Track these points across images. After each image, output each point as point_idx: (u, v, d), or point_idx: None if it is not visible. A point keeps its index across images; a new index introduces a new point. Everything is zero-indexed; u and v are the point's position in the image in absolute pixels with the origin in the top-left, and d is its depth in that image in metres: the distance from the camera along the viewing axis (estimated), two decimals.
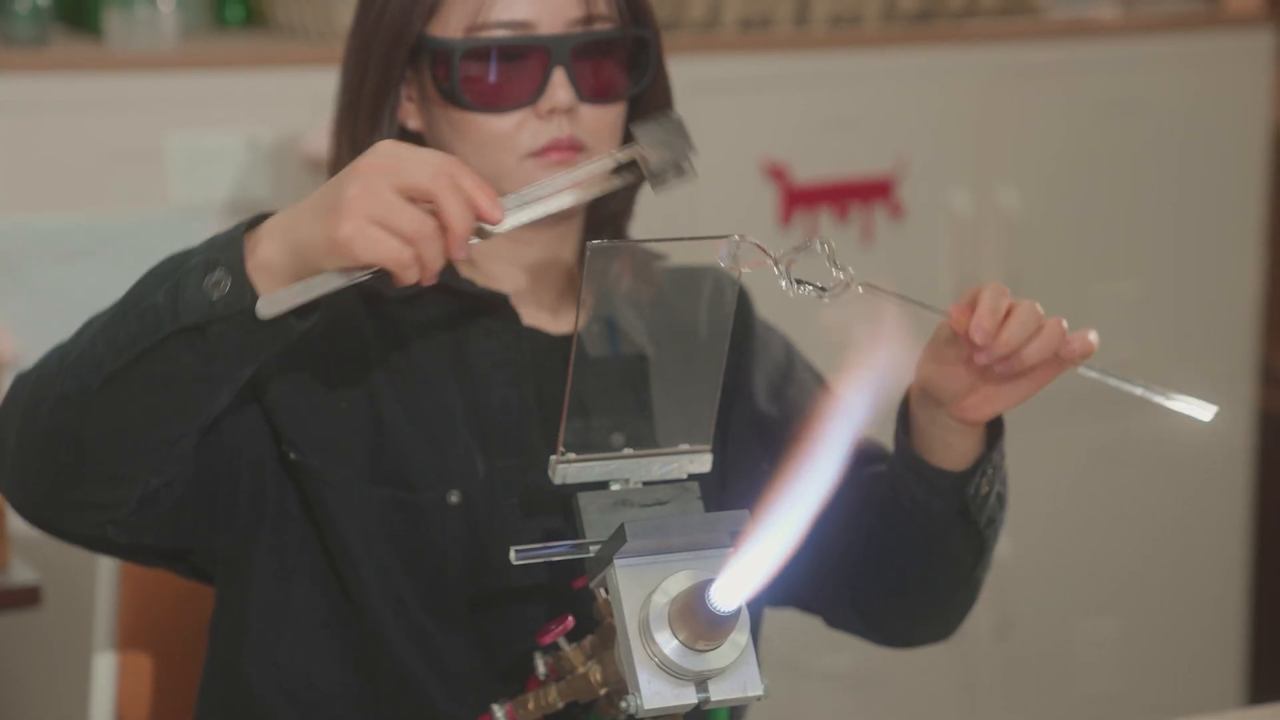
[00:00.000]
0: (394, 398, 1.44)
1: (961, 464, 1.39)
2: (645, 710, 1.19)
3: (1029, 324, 1.29)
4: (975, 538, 1.43)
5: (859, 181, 2.59)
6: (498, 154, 1.43)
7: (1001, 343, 1.28)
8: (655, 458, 1.32)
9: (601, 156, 1.29)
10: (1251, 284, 2.88)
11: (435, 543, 1.43)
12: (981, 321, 1.27)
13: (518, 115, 1.43)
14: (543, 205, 1.26)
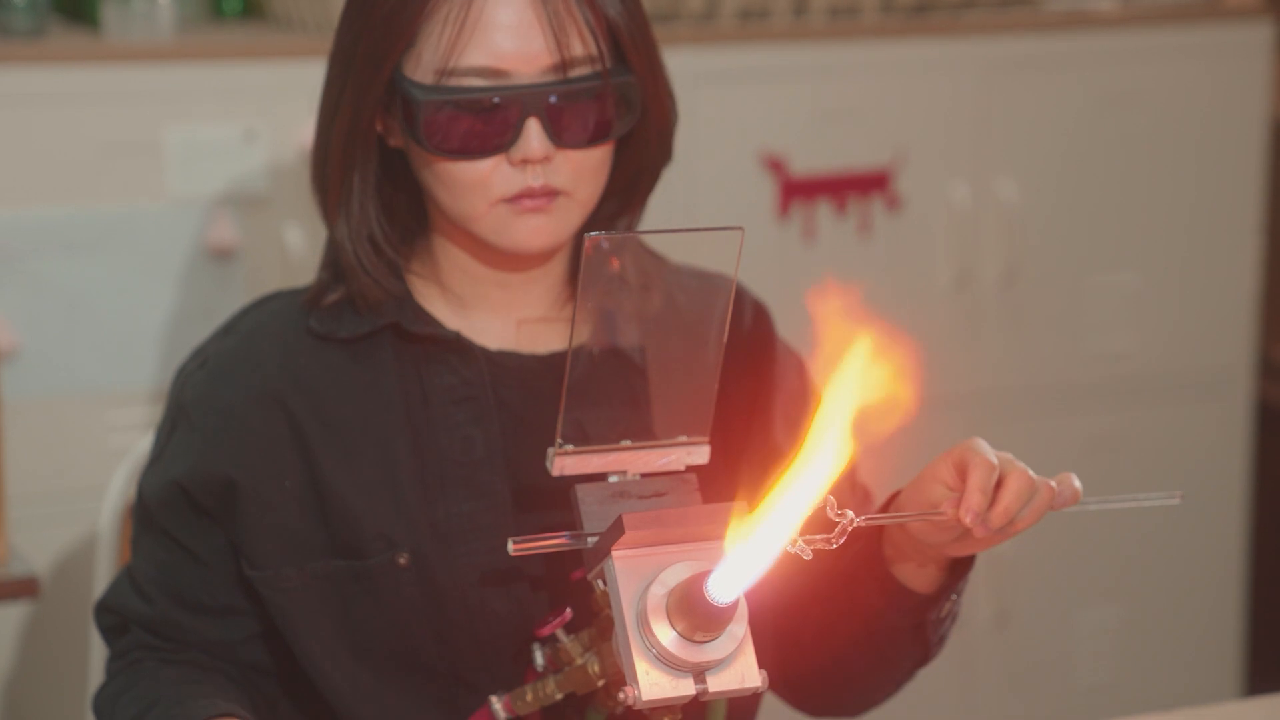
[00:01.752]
0: (335, 463, 1.42)
1: (929, 587, 1.38)
2: (643, 701, 1.19)
3: (1023, 495, 1.26)
4: (922, 652, 1.43)
5: (857, 173, 2.58)
6: (469, 198, 1.40)
7: (996, 519, 1.25)
8: (653, 449, 1.32)
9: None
10: (1250, 276, 2.88)
11: (392, 608, 1.42)
12: (972, 505, 1.24)
13: (490, 161, 1.39)
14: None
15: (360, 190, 1.44)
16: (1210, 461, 2.90)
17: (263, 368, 1.45)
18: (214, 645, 1.45)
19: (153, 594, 1.45)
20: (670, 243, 1.48)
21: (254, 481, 1.42)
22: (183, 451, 1.45)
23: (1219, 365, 2.88)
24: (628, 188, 1.49)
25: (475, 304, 1.49)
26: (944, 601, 1.38)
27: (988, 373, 2.70)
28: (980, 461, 1.26)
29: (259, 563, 1.42)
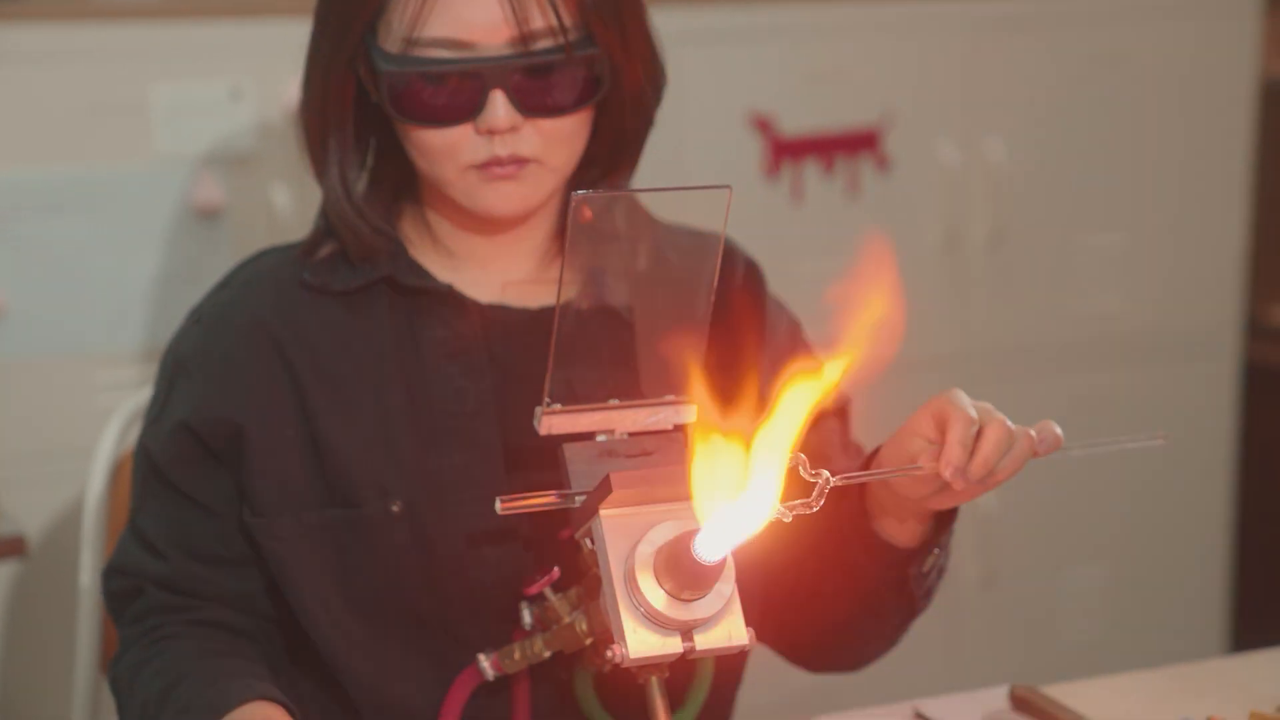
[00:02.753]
0: (332, 414, 1.43)
1: (911, 541, 1.39)
2: (631, 659, 1.19)
3: (1001, 446, 1.26)
4: (909, 606, 1.44)
5: (845, 133, 2.58)
6: (440, 164, 1.42)
7: (976, 470, 1.26)
8: (641, 408, 1.32)
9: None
10: (1237, 236, 2.88)
11: (385, 556, 1.42)
12: (952, 459, 1.25)
13: (457, 129, 1.40)
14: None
15: (338, 149, 1.45)
16: (1198, 421, 2.91)
17: (259, 316, 1.45)
18: (234, 598, 1.46)
19: (167, 551, 1.45)
20: (659, 201, 1.47)
21: (258, 428, 1.43)
22: (186, 399, 1.45)
23: (1207, 325, 2.88)
24: (610, 153, 1.50)
25: (465, 258, 1.50)
26: (926, 555, 1.38)
27: (976, 333, 2.71)
28: (959, 415, 1.26)
29: (259, 510, 1.43)
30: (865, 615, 1.45)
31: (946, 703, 1.47)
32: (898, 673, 2.39)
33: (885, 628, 1.47)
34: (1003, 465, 1.26)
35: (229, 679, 1.35)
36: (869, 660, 1.52)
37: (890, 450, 1.32)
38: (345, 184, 1.46)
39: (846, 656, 1.53)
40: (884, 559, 1.38)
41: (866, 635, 1.48)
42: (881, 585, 1.40)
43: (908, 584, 1.40)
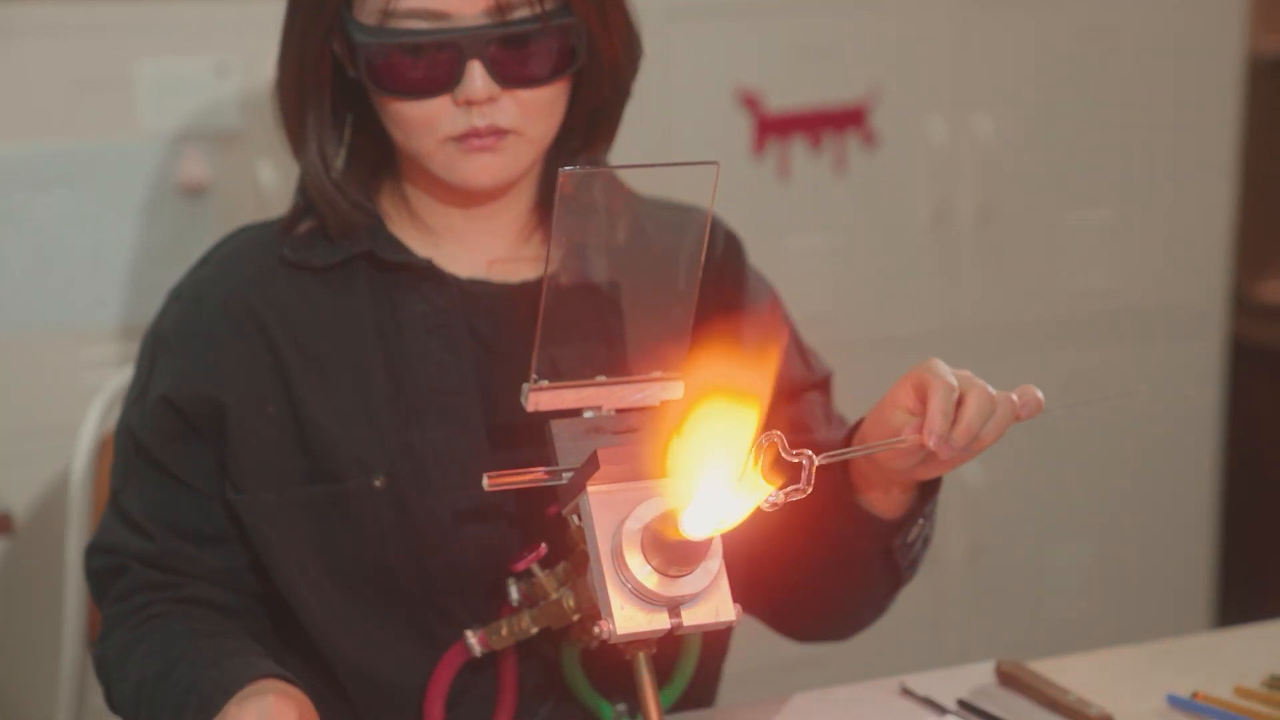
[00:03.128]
0: (312, 389, 1.43)
1: (896, 512, 1.39)
2: (618, 635, 1.20)
3: (983, 411, 1.26)
4: (894, 576, 1.44)
5: (833, 110, 2.57)
6: (418, 136, 1.41)
7: (959, 438, 1.26)
8: (628, 385, 1.32)
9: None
10: (1225, 213, 2.88)
11: (368, 531, 1.42)
12: (934, 427, 1.25)
13: (435, 101, 1.39)
14: None
15: (315, 125, 1.45)
16: (1184, 397, 2.91)
17: (239, 291, 1.45)
18: (219, 574, 1.45)
19: (151, 529, 1.45)
20: (646, 177, 1.47)
21: (240, 404, 1.43)
22: (167, 375, 1.45)
23: (1194, 302, 2.89)
24: (587, 125, 1.50)
25: (444, 233, 1.49)
26: (911, 526, 1.39)
27: (964, 309, 2.71)
28: (940, 384, 1.26)
29: (241, 486, 1.43)
30: (851, 586, 1.45)
31: (932, 678, 1.47)
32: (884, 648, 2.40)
33: (872, 598, 1.47)
34: (986, 430, 1.26)
35: (230, 658, 1.35)
36: (857, 630, 1.53)
37: (872, 423, 1.32)
38: (324, 160, 1.46)
39: (834, 627, 1.53)
40: (869, 530, 1.39)
41: (853, 605, 1.49)
42: (867, 556, 1.41)
43: (893, 554, 1.40)
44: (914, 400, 1.28)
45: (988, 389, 1.27)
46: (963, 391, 1.26)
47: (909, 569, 1.43)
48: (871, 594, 1.46)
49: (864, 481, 1.38)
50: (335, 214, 1.46)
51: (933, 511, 1.41)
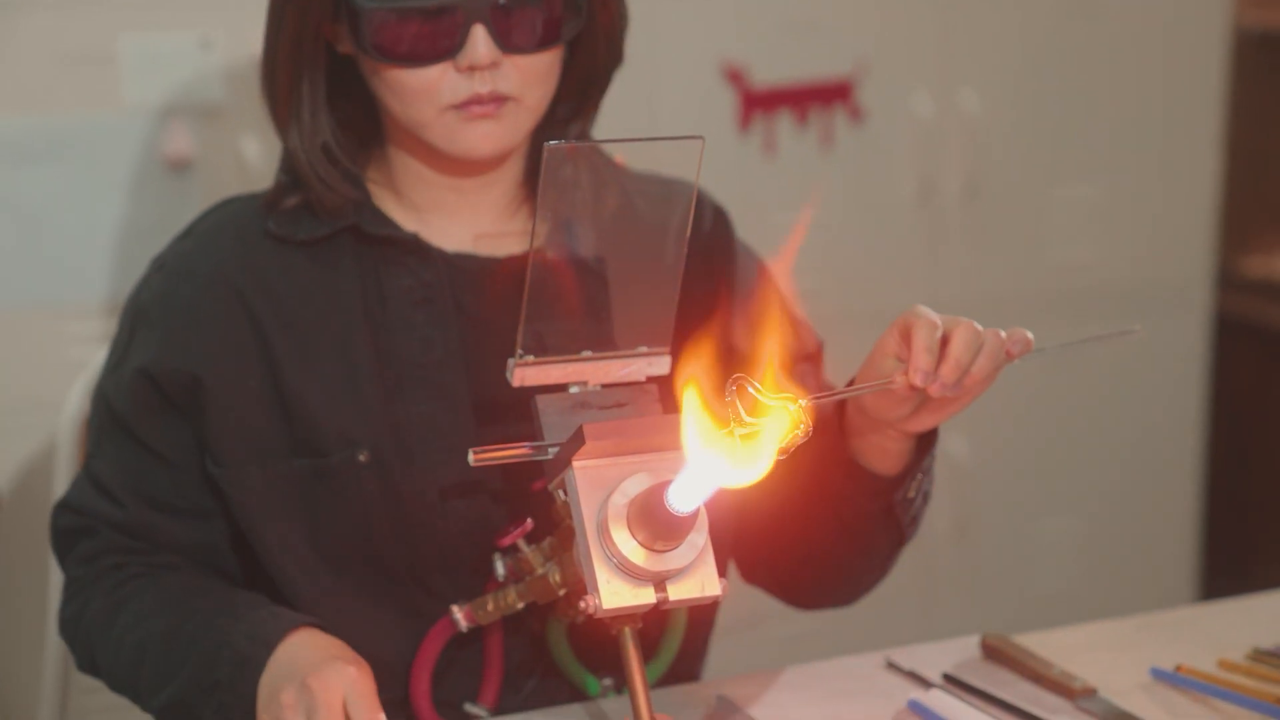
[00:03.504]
0: (296, 362, 1.43)
1: (894, 468, 1.39)
2: (604, 610, 1.20)
3: (971, 347, 1.26)
4: (896, 533, 1.44)
5: (818, 84, 2.57)
6: (417, 105, 1.41)
7: (948, 373, 1.26)
8: (613, 360, 1.32)
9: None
10: (1210, 189, 2.88)
11: (353, 506, 1.42)
12: (920, 364, 1.25)
13: (437, 68, 1.39)
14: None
15: (310, 97, 1.44)
16: (1169, 373, 2.92)
17: (222, 266, 1.45)
18: (189, 548, 1.45)
19: (123, 497, 1.44)
20: (631, 152, 1.47)
21: (219, 380, 1.42)
22: (146, 347, 1.44)
23: (1179, 277, 2.89)
24: (580, 91, 1.50)
25: (431, 209, 1.49)
26: (909, 481, 1.39)
27: (949, 285, 2.71)
28: (922, 323, 1.27)
29: (222, 460, 1.42)
30: (854, 547, 1.45)
31: (918, 652, 1.47)
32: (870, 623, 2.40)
33: (875, 558, 1.47)
34: (976, 366, 1.27)
35: (251, 609, 1.36)
36: (861, 593, 1.53)
37: (863, 376, 1.32)
38: (318, 133, 1.45)
39: (839, 591, 1.53)
40: (869, 488, 1.39)
41: (857, 568, 1.49)
42: (868, 515, 1.41)
43: (894, 511, 1.41)
44: (901, 345, 1.28)
45: (974, 325, 1.27)
46: (948, 329, 1.27)
47: (910, 525, 1.44)
48: (875, 554, 1.46)
49: (860, 438, 1.38)
50: (326, 188, 1.45)
51: (931, 466, 1.41)
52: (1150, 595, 2.92)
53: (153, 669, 1.37)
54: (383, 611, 1.44)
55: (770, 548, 1.50)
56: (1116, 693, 1.40)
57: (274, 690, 1.28)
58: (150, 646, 1.37)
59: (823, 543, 1.46)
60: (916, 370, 1.25)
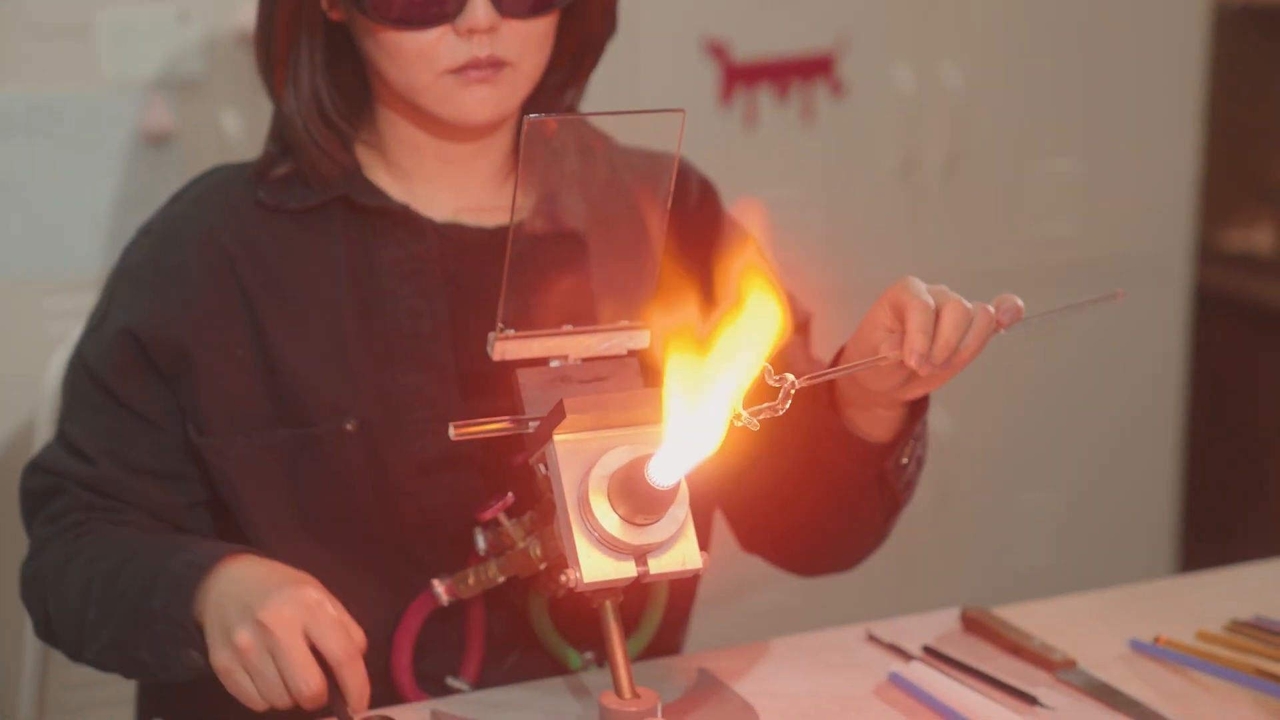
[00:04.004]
0: (284, 331, 1.42)
1: (886, 435, 1.39)
2: (585, 584, 1.20)
3: (960, 325, 1.27)
4: (891, 499, 1.44)
5: (800, 58, 2.57)
6: (414, 69, 1.40)
7: (939, 354, 1.26)
8: (594, 334, 1.32)
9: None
10: (1189, 162, 2.89)
11: (338, 476, 1.42)
12: (915, 346, 1.25)
13: (436, 31, 1.39)
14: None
15: (309, 62, 1.44)
16: (1149, 346, 2.92)
17: (212, 232, 1.44)
18: (159, 507, 1.44)
19: (95, 457, 1.43)
20: (612, 125, 1.47)
21: (207, 348, 1.41)
22: (131, 309, 1.43)
23: (1159, 251, 2.89)
24: (573, 60, 1.50)
25: (420, 178, 1.48)
26: (901, 448, 1.39)
27: (931, 258, 2.71)
28: (916, 303, 1.27)
29: (207, 429, 1.42)
30: (850, 515, 1.45)
31: (898, 625, 1.48)
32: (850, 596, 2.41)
33: (871, 525, 1.47)
34: (965, 344, 1.27)
35: (194, 543, 1.35)
36: (859, 559, 1.53)
37: (853, 347, 1.32)
38: (315, 94, 1.44)
39: (836, 557, 1.54)
40: (861, 456, 1.39)
41: (854, 534, 1.49)
42: (862, 483, 1.41)
43: (888, 478, 1.41)
44: (892, 319, 1.29)
45: (963, 302, 1.27)
46: (939, 307, 1.27)
47: (905, 490, 1.44)
48: (871, 520, 1.46)
49: (852, 407, 1.38)
50: (320, 154, 1.44)
51: (923, 431, 1.41)
52: (1129, 568, 2.93)
53: (95, 610, 1.36)
54: (365, 583, 1.44)
55: (766, 517, 1.50)
56: (1096, 664, 1.40)
57: (225, 631, 1.27)
58: (94, 588, 1.36)
59: (818, 510, 1.46)
60: (911, 351, 1.25)
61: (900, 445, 1.39)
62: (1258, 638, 1.45)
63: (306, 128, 1.44)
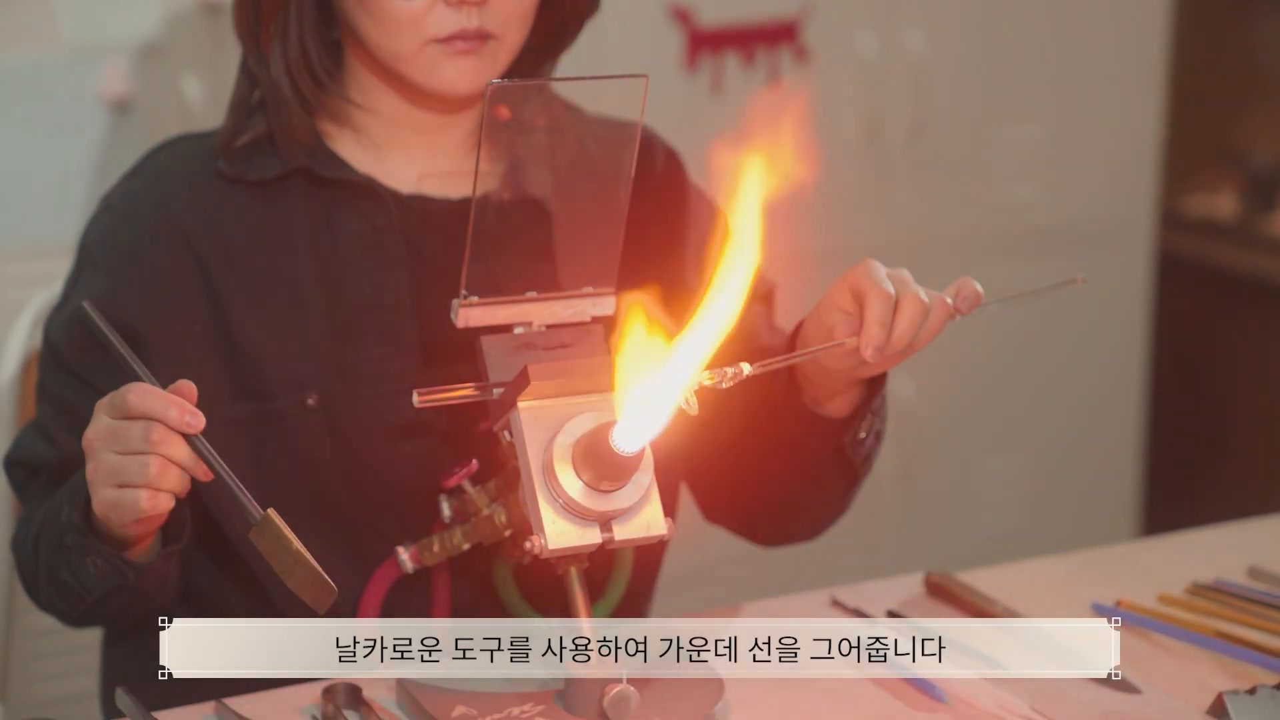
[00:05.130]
0: (244, 306, 1.41)
1: (843, 410, 1.40)
2: (549, 551, 1.20)
3: (916, 320, 1.28)
4: (850, 473, 1.45)
5: (764, 25, 2.56)
6: (400, 36, 1.39)
7: (895, 347, 1.27)
8: (559, 301, 1.32)
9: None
10: (1153, 127, 2.89)
11: (301, 450, 1.41)
12: (872, 339, 1.26)
13: (426, 0, 1.38)
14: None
15: (298, 20, 1.42)
16: (1112, 310, 2.94)
17: (169, 208, 1.43)
18: None
19: (60, 436, 1.43)
20: (575, 91, 1.46)
21: (162, 329, 1.41)
22: (89, 288, 1.43)
23: (1122, 216, 2.91)
24: (552, 36, 1.49)
25: (389, 148, 1.47)
26: (858, 423, 1.40)
27: (895, 224, 2.71)
28: (876, 292, 1.27)
29: None
30: (809, 487, 1.46)
31: (861, 590, 1.48)
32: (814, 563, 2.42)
33: (831, 496, 1.48)
34: (920, 336, 1.28)
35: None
36: (822, 528, 1.54)
37: (811, 325, 1.33)
38: (308, 57, 1.43)
39: (799, 528, 1.54)
40: (819, 430, 1.39)
41: (814, 506, 1.50)
42: (820, 456, 1.42)
43: (845, 452, 1.41)
44: (850, 302, 1.29)
45: (920, 296, 1.28)
46: (898, 299, 1.27)
47: (863, 464, 1.44)
48: (829, 493, 1.47)
49: (810, 384, 1.39)
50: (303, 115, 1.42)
51: (881, 406, 1.42)
52: (1092, 532, 2.95)
53: (44, 546, 1.36)
54: (330, 555, 1.43)
55: (728, 489, 1.51)
56: None
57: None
58: (41, 532, 1.37)
59: (779, 483, 1.46)
60: (868, 344, 1.27)
61: (857, 421, 1.39)
62: (1218, 600, 1.46)
63: (296, 86, 1.43)
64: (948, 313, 1.30)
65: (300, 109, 1.43)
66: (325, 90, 1.45)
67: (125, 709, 1.27)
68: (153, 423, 1.21)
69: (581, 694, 1.22)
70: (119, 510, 1.23)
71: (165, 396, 1.21)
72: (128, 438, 1.21)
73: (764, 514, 1.53)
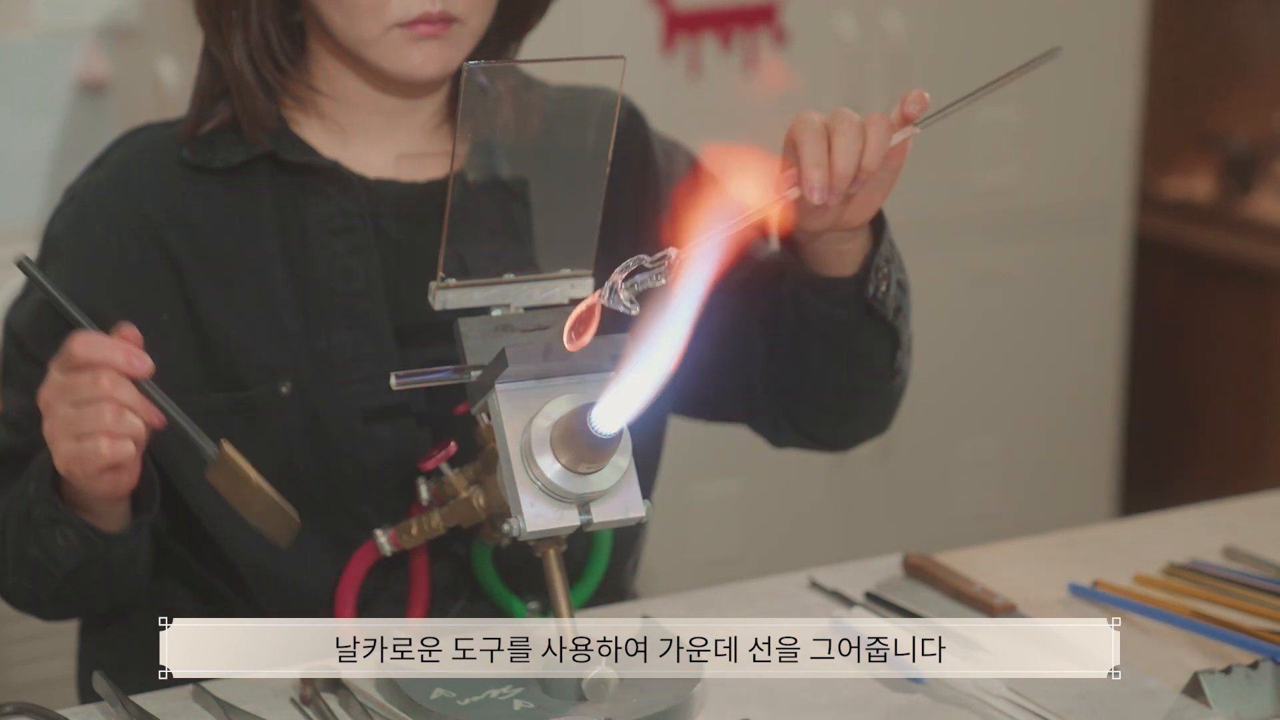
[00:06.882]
0: (213, 295, 1.41)
1: (855, 265, 1.39)
2: (528, 533, 1.20)
3: (853, 147, 1.26)
4: (886, 330, 1.43)
5: (742, 6, 2.56)
6: (363, 19, 1.38)
7: (839, 182, 1.26)
8: (536, 282, 1.32)
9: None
10: (1130, 109, 2.90)
11: (276, 439, 1.41)
12: (812, 181, 1.25)
13: None
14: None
15: (259, 6, 1.41)
16: (1089, 293, 2.95)
17: (136, 198, 1.42)
18: None
19: (23, 423, 1.42)
20: (551, 73, 1.46)
21: (130, 318, 1.39)
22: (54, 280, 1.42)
23: (1100, 198, 2.91)
24: (515, 20, 1.48)
25: (355, 132, 1.47)
26: (875, 273, 1.39)
27: None
28: (805, 135, 1.26)
29: None
30: (856, 361, 1.44)
31: (840, 571, 1.49)
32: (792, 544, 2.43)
33: (878, 367, 1.46)
34: (868, 159, 1.27)
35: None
36: (886, 413, 1.53)
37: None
38: (269, 43, 1.42)
39: (864, 418, 1.53)
40: (837, 296, 1.39)
41: (870, 386, 1.48)
42: (850, 325, 1.41)
43: (874, 309, 1.40)
44: (794, 157, 1.28)
45: (853, 120, 1.27)
46: (830, 133, 1.26)
47: (897, 317, 1.43)
48: (877, 362, 1.45)
49: (814, 255, 1.38)
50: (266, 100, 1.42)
51: (893, 253, 1.41)
52: (1069, 513, 2.96)
53: (11, 533, 1.36)
54: (308, 540, 1.43)
55: (786, 406, 1.50)
56: (1036, 608, 1.42)
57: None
58: (8, 514, 1.37)
59: (823, 372, 1.45)
60: (810, 187, 1.25)
61: (873, 269, 1.38)
62: (1194, 580, 1.47)
63: (259, 72, 1.42)
64: (888, 127, 1.28)
65: (264, 94, 1.42)
66: (288, 75, 1.44)
67: (103, 693, 1.27)
68: (101, 370, 1.20)
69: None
70: (82, 462, 1.23)
71: (109, 341, 1.21)
72: (78, 388, 1.21)
73: (827, 416, 1.52)
